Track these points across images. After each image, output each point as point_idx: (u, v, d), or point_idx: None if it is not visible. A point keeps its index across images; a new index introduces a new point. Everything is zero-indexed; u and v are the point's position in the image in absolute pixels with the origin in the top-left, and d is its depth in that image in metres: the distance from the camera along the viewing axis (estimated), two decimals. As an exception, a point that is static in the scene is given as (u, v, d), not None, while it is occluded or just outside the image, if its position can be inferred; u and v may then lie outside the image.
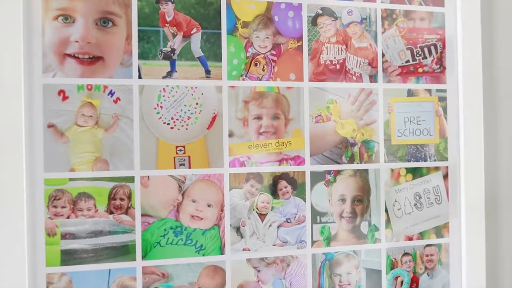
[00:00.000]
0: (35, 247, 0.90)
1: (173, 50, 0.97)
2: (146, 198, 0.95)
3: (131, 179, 0.94)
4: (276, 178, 1.02)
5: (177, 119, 0.97)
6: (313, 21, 1.05)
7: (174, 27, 0.98)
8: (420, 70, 1.12)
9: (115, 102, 0.94)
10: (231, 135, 1.00)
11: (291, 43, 1.04)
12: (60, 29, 0.91)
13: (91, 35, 0.92)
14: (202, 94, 0.99)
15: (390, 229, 1.09)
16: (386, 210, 1.09)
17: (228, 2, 1.00)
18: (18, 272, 0.87)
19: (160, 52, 0.97)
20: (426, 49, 1.12)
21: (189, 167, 0.98)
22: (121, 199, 0.94)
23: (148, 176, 0.95)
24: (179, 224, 0.97)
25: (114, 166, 0.94)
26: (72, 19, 0.92)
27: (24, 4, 0.89)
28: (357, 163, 1.07)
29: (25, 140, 0.89)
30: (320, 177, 1.05)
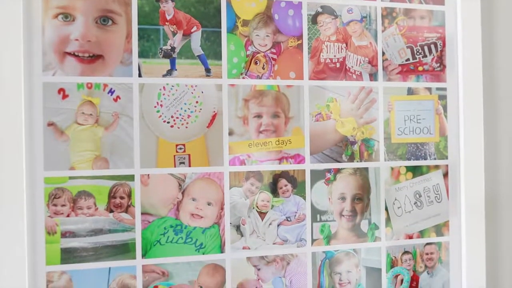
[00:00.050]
0: (35, 245, 0.90)
1: (173, 49, 0.97)
2: (146, 196, 0.95)
3: (131, 177, 0.94)
4: (276, 177, 1.02)
5: (177, 118, 0.97)
6: (313, 20, 1.05)
7: (174, 26, 0.97)
8: (420, 68, 1.12)
9: (115, 100, 0.94)
10: (231, 133, 1.00)
11: (291, 42, 1.04)
12: (60, 27, 0.91)
13: (91, 33, 0.92)
14: (202, 92, 0.99)
15: (390, 227, 1.09)
16: (386, 209, 1.09)
17: (228, 0, 1.00)
18: (18, 270, 0.87)
19: (160, 51, 0.97)
20: (426, 48, 1.12)
21: (189, 166, 0.98)
22: (121, 198, 0.94)
23: (148, 175, 0.95)
24: (179, 223, 0.97)
25: (114, 164, 0.94)
26: (72, 18, 0.92)
27: (24, 2, 0.89)
28: (357, 161, 1.07)
29: (25, 138, 0.89)
30: (320, 175, 1.05)
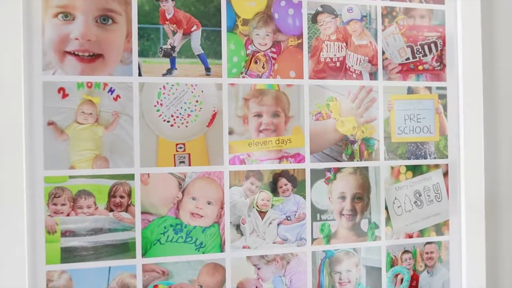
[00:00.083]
0: (35, 244, 0.90)
1: (173, 48, 0.97)
2: (146, 195, 0.95)
3: (131, 176, 0.94)
4: (276, 176, 1.02)
5: (177, 117, 0.97)
6: (313, 19, 1.05)
7: (174, 25, 0.97)
8: (420, 67, 1.12)
9: (115, 99, 0.94)
10: (231, 132, 1.00)
11: (291, 41, 1.04)
12: (60, 26, 0.91)
13: (91, 32, 0.92)
14: (202, 91, 0.99)
15: (390, 226, 1.09)
16: (386, 208, 1.09)
17: (228, -1, 1.01)
18: (18, 269, 0.87)
19: (160, 50, 0.96)
20: (426, 47, 1.12)
21: (189, 165, 0.98)
22: (121, 197, 0.94)
23: (148, 174, 0.95)
24: (179, 222, 0.97)
25: (114, 163, 0.94)
26: (72, 17, 0.92)
27: (24, 1, 0.89)
28: (357, 160, 1.07)
29: (25, 137, 0.89)
30: (320, 174, 1.05)
